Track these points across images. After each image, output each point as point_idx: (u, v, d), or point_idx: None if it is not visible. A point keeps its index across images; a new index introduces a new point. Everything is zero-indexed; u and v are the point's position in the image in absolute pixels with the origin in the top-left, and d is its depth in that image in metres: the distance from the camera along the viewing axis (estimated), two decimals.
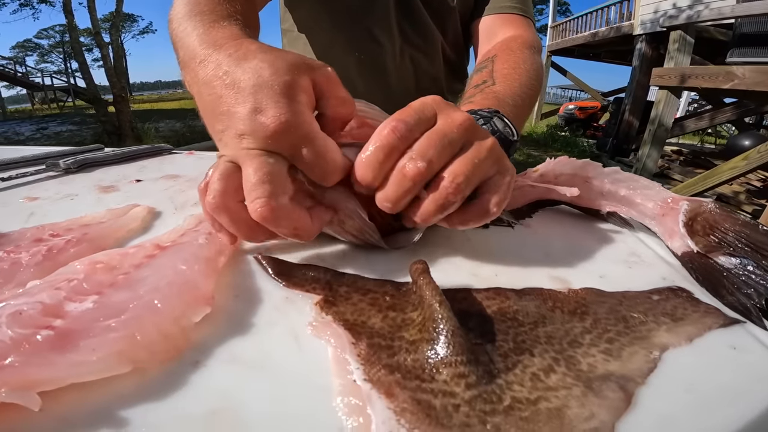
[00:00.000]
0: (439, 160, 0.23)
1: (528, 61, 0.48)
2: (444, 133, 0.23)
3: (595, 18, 6.30)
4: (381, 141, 0.22)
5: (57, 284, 0.20)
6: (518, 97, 0.43)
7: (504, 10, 0.59)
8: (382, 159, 0.22)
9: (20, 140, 5.45)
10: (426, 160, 0.22)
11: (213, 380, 0.17)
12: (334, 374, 0.17)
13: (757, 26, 1.78)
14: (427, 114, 0.24)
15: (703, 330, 0.21)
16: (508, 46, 0.52)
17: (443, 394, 0.15)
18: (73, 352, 0.16)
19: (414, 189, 0.23)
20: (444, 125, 0.23)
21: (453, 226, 0.25)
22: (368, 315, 0.20)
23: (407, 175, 0.22)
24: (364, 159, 0.23)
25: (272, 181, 0.21)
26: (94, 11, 5.90)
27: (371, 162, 0.23)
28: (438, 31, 0.62)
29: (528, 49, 0.51)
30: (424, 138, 0.23)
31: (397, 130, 0.22)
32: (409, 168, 0.22)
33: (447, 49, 0.64)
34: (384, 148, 0.22)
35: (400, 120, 0.23)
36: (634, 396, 0.16)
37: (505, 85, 0.44)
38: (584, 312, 0.22)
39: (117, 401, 0.16)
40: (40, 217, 0.36)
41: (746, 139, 3.81)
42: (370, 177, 0.23)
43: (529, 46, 0.52)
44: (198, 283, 0.21)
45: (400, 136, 0.22)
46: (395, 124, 0.22)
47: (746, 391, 0.18)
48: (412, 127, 0.23)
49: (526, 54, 0.50)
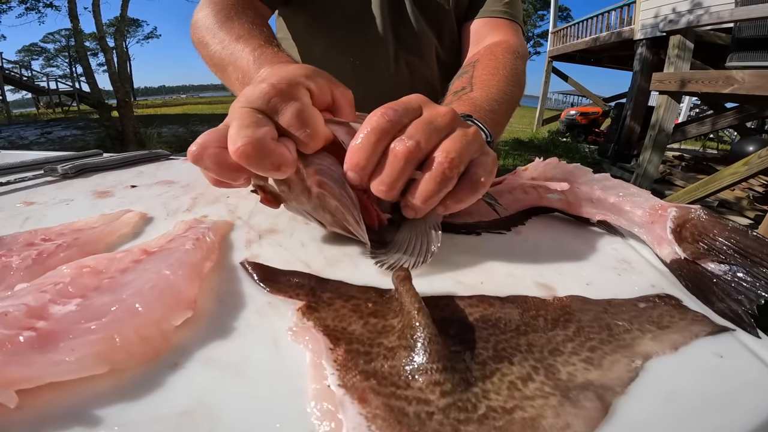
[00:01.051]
0: (427, 143, 0.24)
1: (508, 66, 0.49)
2: (430, 120, 0.25)
3: (596, 23, 6.32)
4: (372, 125, 0.24)
5: (43, 287, 0.21)
6: (495, 102, 0.43)
7: (493, 14, 0.60)
8: (374, 141, 0.24)
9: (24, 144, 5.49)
10: (415, 140, 0.23)
11: (189, 382, 0.17)
12: (309, 379, 0.17)
13: (756, 30, 1.78)
14: (413, 106, 0.26)
15: (690, 338, 0.21)
16: (491, 51, 0.53)
17: (417, 402, 0.15)
18: (52, 352, 0.16)
19: (406, 169, 0.24)
20: (429, 114, 0.25)
21: (448, 209, 0.26)
22: (349, 321, 0.20)
23: (398, 155, 0.23)
24: (357, 144, 0.24)
25: (256, 125, 0.22)
26: (98, 16, 5.97)
27: (363, 145, 0.24)
28: (433, 35, 0.63)
29: (511, 54, 0.52)
30: (412, 124, 0.24)
31: (387, 114, 0.24)
32: (399, 148, 0.23)
33: (442, 53, 0.65)
34: (375, 131, 0.24)
35: (389, 107, 0.24)
36: (612, 406, 0.16)
37: (482, 90, 0.44)
38: (568, 320, 0.22)
39: (93, 400, 0.16)
40: (35, 222, 0.36)
41: (750, 144, 3.79)
42: (363, 160, 0.24)
43: (512, 52, 0.53)
44: (180, 288, 0.21)
45: (390, 120, 0.24)
46: (385, 110, 0.24)
47: (730, 400, 0.17)
48: (401, 114, 0.24)
49: (508, 59, 0.51)
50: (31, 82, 15.06)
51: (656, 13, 4.48)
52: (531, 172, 0.36)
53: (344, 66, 0.62)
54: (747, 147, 3.70)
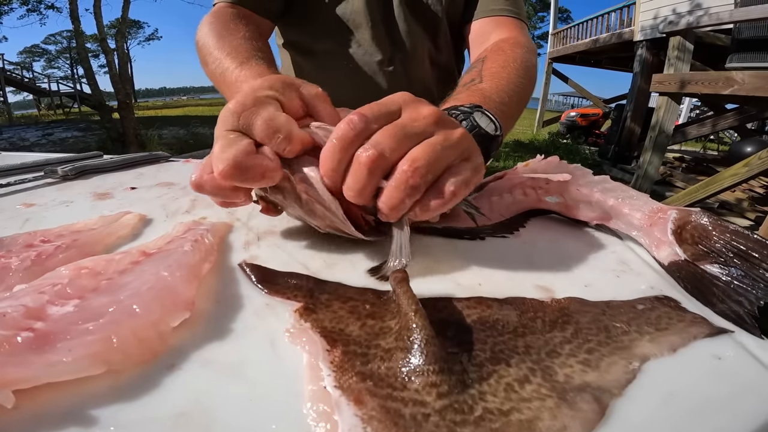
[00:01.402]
0: (394, 150, 0.23)
1: (518, 60, 0.48)
2: (402, 125, 0.24)
3: (596, 24, 6.33)
4: (337, 133, 0.24)
5: (42, 288, 0.21)
6: (505, 93, 0.42)
7: (496, 12, 0.58)
8: (339, 149, 0.24)
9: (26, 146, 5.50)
10: (378, 149, 0.23)
11: (186, 383, 0.17)
12: (306, 380, 0.17)
13: (756, 31, 1.78)
14: (391, 108, 0.25)
15: (688, 340, 0.21)
16: (499, 47, 0.52)
17: (414, 403, 0.15)
18: (49, 353, 0.17)
19: (371, 176, 0.23)
20: (406, 118, 0.25)
21: (417, 216, 0.25)
22: (347, 323, 0.20)
23: (360, 163, 0.23)
24: (325, 151, 0.24)
25: (231, 145, 0.23)
26: (99, 17, 5.98)
27: (330, 153, 0.24)
28: (427, 38, 0.62)
29: (520, 48, 0.51)
30: (381, 130, 0.24)
31: (352, 122, 0.23)
32: (361, 156, 0.23)
33: (436, 55, 0.64)
34: (340, 140, 0.23)
35: (358, 113, 0.24)
36: (609, 408, 0.16)
37: (492, 82, 0.43)
38: (566, 321, 0.22)
39: (90, 401, 0.16)
40: (35, 223, 0.36)
41: (749, 145, 3.79)
42: (331, 168, 0.24)
43: (521, 46, 0.52)
44: (178, 289, 0.21)
45: (355, 128, 0.23)
46: (351, 117, 0.24)
47: (728, 401, 0.17)
48: (369, 120, 0.24)
49: (517, 52, 0.49)
50: (33, 83, 15.09)
51: (656, 15, 4.49)
52: (532, 167, 0.36)
53: (339, 69, 0.62)
54: (746, 148, 3.70)
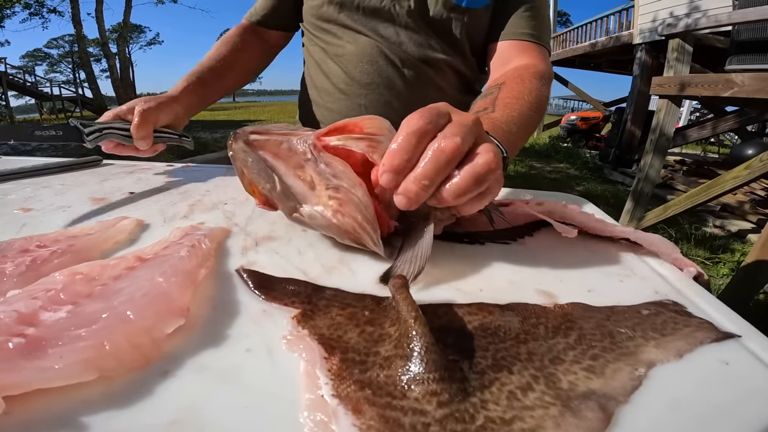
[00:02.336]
0: (465, 143, 0.24)
1: (533, 93, 0.49)
2: (464, 123, 0.25)
3: (595, 28, 6.35)
4: (412, 128, 0.24)
5: (35, 294, 0.21)
6: (514, 124, 0.43)
7: (520, 37, 0.58)
8: (414, 143, 0.24)
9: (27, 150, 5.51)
10: (456, 140, 0.24)
11: (180, 390, 0.17)
12: (303, 388, 0.16)
13: (754, 33, 1.77)
14: (443, 111, 0.26)
15: (694, 345, 0.21)
16: (519, 74, 0.52)
17: (413, 412, 0.15)
18: (40, 359, 0.16)
19: (449, 166, 0.24)
20: (460, 118, 0.26)
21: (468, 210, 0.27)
22: (345, 329, 0.20)
23: (445, 151, 0.24)
24: (397, 145, 0.24)
25: None
26: (101, 22, 6.03)
27: (404, 147, 0.24)
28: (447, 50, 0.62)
29: (538, 80, 0.51)
30: (449, 125, 0.25)
31: (425, 117, 0.24)
32: (445, 144, 0.24)
33: (461, 68, 0.64)
34: (417, 133, 0.24)
35: (424, 110, 0.25)
36: (615, 415, 0.16)
37: (503, 112, 0.44)
38: (569, 327, 0.21)
39: (81, 407, 0.16)
40: (32, 228, 0.36)
41: (749, 147, 3.79)
42: (403, 161, 0.24)
43: (539, 77, 0.52)
44: (173, 295, 0.21)
45: (430, 122, 0.24)
46: (422, 113, 0.25)
47: (736, 407, 0.17)
48: (437, 117, 0.25)
49: (534, 84, 0.50)
50: (35, 87, 15.10)
51: (654, 18, 4.50)
52: (547, 209, 0.35)
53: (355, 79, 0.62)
54: (746, 150, 3.71)
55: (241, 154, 0.30)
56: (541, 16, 0.60)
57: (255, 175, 0.29)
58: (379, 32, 0.60)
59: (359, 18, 0.60)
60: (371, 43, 0.60)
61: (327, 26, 0.63)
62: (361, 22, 0.60)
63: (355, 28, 0.61)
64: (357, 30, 0.61)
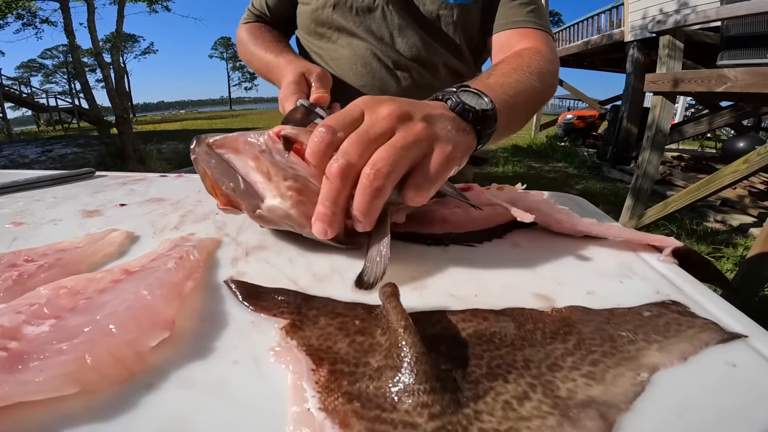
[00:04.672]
0: (361, 156, 0.25)
1: (534, 65, 0.46)
2: (365, 131, 0.25)
3: (587, 26, 6.39)
4: (310, 149, 0.26)
5: (19, 308, 0.21)
6: (510, 87, 0.40)
7: (520, 24, 0.58)
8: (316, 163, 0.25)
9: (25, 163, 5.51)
10: (346, 158, 0.24)
11: (164, 403, 0.17)
12: (289, 402, 0.16)
13: (743, 28, 1.77)
14: (354, 114, 0.26)
15: (699, 347, 0.20)
16: (518, 53, 0.51)
17: (404, 425, 0.14)
18: (21, 372, 0.16)
19: (343, 186, 0.25)
20: (367, 122, 0.26)
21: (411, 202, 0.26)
22: (335, 340, 0.19)
23: (332, 173, 0.25)
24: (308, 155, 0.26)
25: None
26: (94, 31, 6.04)
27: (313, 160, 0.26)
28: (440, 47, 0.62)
29: (539, 56, 0.49)
30: (347, 139, 0.25)
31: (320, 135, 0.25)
32: (332, 167, 0.25)
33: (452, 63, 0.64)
34: (313, 155, 0.26)
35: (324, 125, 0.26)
36: (616, 424, 0.15)
37: (499, 77, 0.42)
38: (567, 332, 0.21)
39: (64, 421, 0.16)
40: (22, 242, 0.35)
41: (741, 141, 3.82)
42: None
43: (541, 54, 0.50)
44: (158, 308, 0.20)
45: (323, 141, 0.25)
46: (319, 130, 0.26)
47: (745, 411, 0.16)
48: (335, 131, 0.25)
49: (534, 59, 0.48)
50: (31, 98, 15.09)
51: (644, 15, 4.52)
52: (509, 197, 0.34)
53: (349, 82, 0.62)
54: (738, 144, 3.74)
55: (203, 156, 0.31)
56: (537, 2, 0.59)
57: (218, 175, 0.30)
58: (373, 33, 0.60)
59: (353, 18, 0.60)
60: (365, 45, 0.60)
61: (322, 30, 0.63)
62: (354, 22, 0.60)
63: (349, 30, 0.60)
64: (351, 32, 0.60)
